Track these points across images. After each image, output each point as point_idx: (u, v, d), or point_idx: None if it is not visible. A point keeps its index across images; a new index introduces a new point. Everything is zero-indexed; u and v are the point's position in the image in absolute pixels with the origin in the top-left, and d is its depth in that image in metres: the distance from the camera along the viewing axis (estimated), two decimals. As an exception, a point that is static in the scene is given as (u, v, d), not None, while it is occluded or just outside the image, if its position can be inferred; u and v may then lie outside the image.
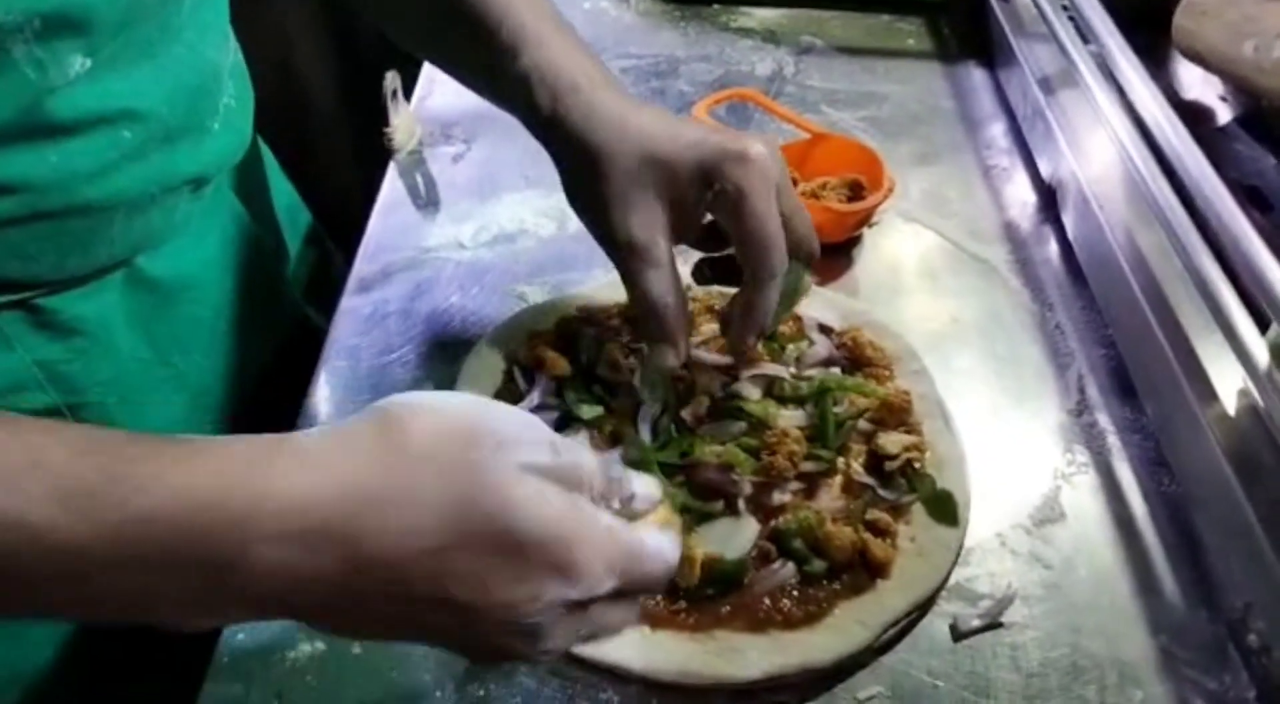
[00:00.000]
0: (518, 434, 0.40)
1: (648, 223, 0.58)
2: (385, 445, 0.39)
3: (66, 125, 0.53)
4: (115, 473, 0.36)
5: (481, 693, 0.56)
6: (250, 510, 0.36)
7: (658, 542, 0.44)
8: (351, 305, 0.80)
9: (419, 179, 0.93)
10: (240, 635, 0.58)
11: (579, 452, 0.42)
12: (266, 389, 0.79)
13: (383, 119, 0.93)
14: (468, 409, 0.41)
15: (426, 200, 0.91)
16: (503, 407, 0.43)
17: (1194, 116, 0.80)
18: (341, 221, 0.96)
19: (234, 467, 0.37)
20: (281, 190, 0.88)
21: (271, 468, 0.37)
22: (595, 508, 0.42)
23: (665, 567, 0.44)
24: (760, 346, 0.70)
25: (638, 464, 0.64)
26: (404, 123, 0.95)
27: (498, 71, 0.63)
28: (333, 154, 1.15)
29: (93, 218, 0.57)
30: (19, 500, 0.34)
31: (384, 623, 0.40)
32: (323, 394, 0.73)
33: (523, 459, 0.39)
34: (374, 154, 0.95)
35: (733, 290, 0.65)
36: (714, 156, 0.57)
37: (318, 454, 0.38)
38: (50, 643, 0.65)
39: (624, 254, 0.60)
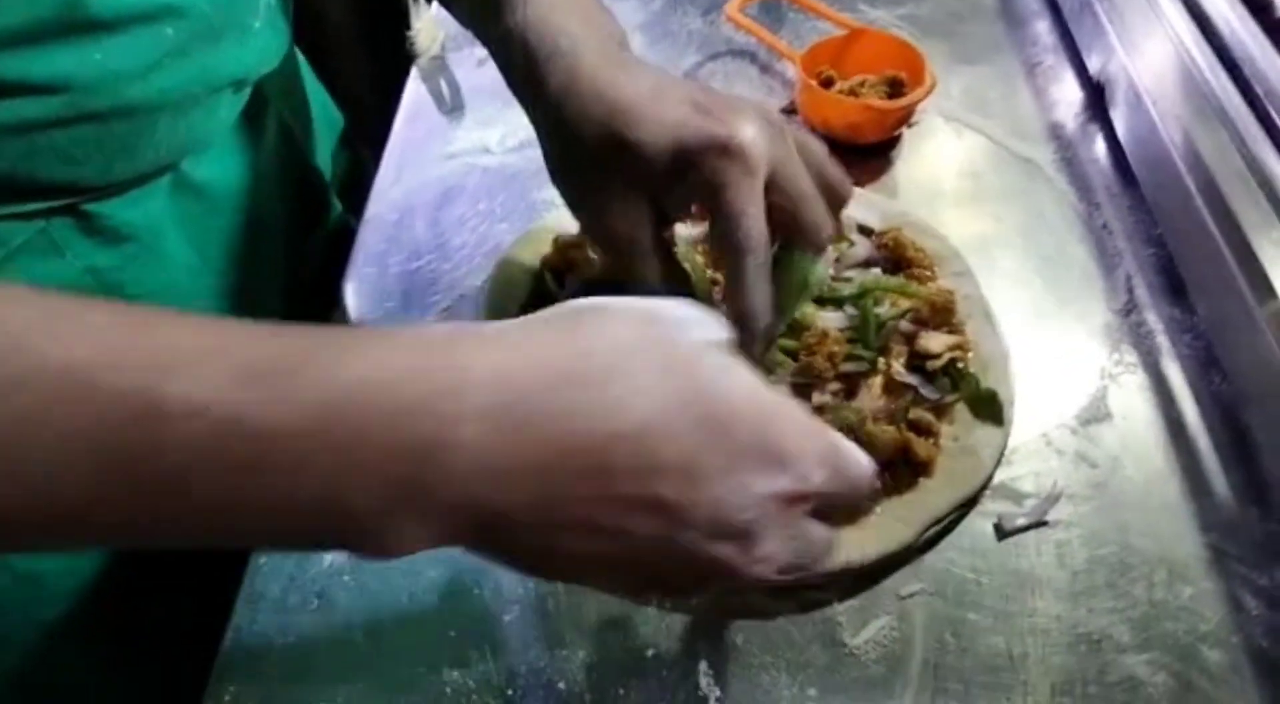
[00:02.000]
0: (687, 314, 0.39)
1: (625, 213, 0.52)
2: (571, 333, 0.37)
3: (108, 22, 0.52)
4: (303, 354, 0.33)
5: (521, 590, 0.56)
6: (453, 383, 0.34)
7: (851, 444, 0.41)
8: (377, 212, 0.78)
9: (443, 84, 0.90)
10: (278, 536, 0.58)
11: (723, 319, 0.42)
12: (313, 295, 0.78)
13: (404, 22, 0.90)
14: (637, 301, 0.40)
15: (451, 106, 0.88)
16: (663, 299, 0.41)
17: (1256, 3, 0.76)
18: (365, 129, 0.94)
19: (427, 345, 0.35)
20: (316, 93, 0.86)
21: (465, 347, 0.36)
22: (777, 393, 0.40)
23: (864, 467, 0.41)
24: None
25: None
26: (426, 26, 0.92)
27: (487, 29, 0.57)
28: (354, 60, 1.12)
29: (138, 119, 0.56)
30: (203, 386, 0.31)
31: (583, 536, 0.36)
32: (351, 302, 0.73)
33: (702, 335, 0.39)
34: (396, 59, 0.92)
35: None
36: (693, 144, 0.49)
37: (507, 336, 0.37)
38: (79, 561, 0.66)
39: (606, 246, 0.55)
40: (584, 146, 0.52)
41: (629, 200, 0.52)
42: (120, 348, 0.32)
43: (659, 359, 0.37)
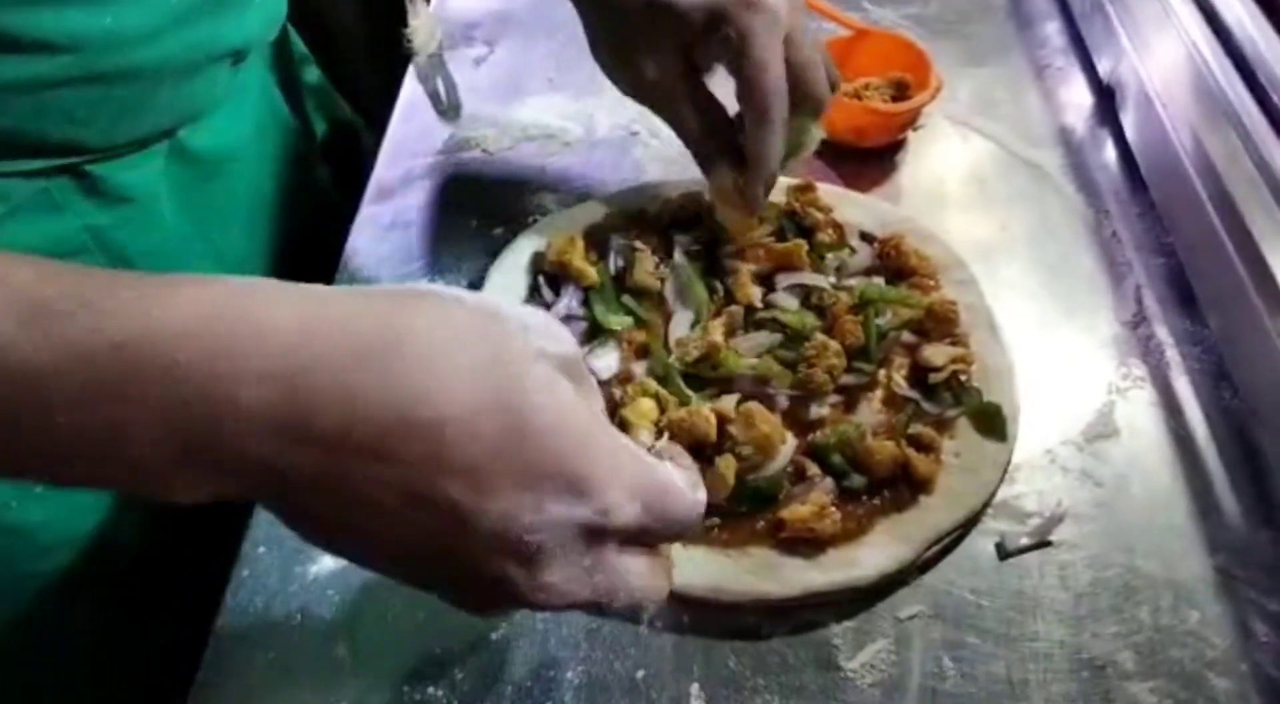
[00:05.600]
0: (535, 321, 0.37)
1: (662, 66, 0.61)
2: (396, 307, 0.35)
3: None
4: (86, 297, 0.32)
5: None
6: (236, 342, 0.32)
7: (683, 476, 0.39)
8: (371, 213, 0.77)
9: (439, 83, 0.88)
10: (260, 549, 0.56)
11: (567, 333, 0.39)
12: (297, 271, 0.78)
13: (401, 20, 0.89)
14: (488, 297, 0.39)
15: (447, 105, 0.87)
16: (525, 306, 0.41)
17: (1271, 8, 0.74)
18: (365, 124, 0.93)
19: (219, 297, 0.33)
20: (310, 73, 0.86)
21: (261, 300, 0.33)
22: (610, 425, 0.38)
23: (691, 506, 0.39)
24: (804, 255, 0.67)
25: (661, 379, 0.61)
26: (424, 24, 0.90)
27: None
28: (350, 57, 1.11)
29: (142, 83, 0.58)
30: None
31: (369, 516, 0.34)
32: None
33: (542, 344, 0.36)
34: (393, 57, 0.90)
35: None
36: (722, 1, 0.58)
37: (315, 295, 0.35)
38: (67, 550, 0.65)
39: (649, 98, 0.64)
40: (625, 12, 0.60)
41: (664, 52, 0.61)
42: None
43: (484, 357, 0.34)
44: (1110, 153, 0.81)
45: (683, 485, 0.39)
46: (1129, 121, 0.80)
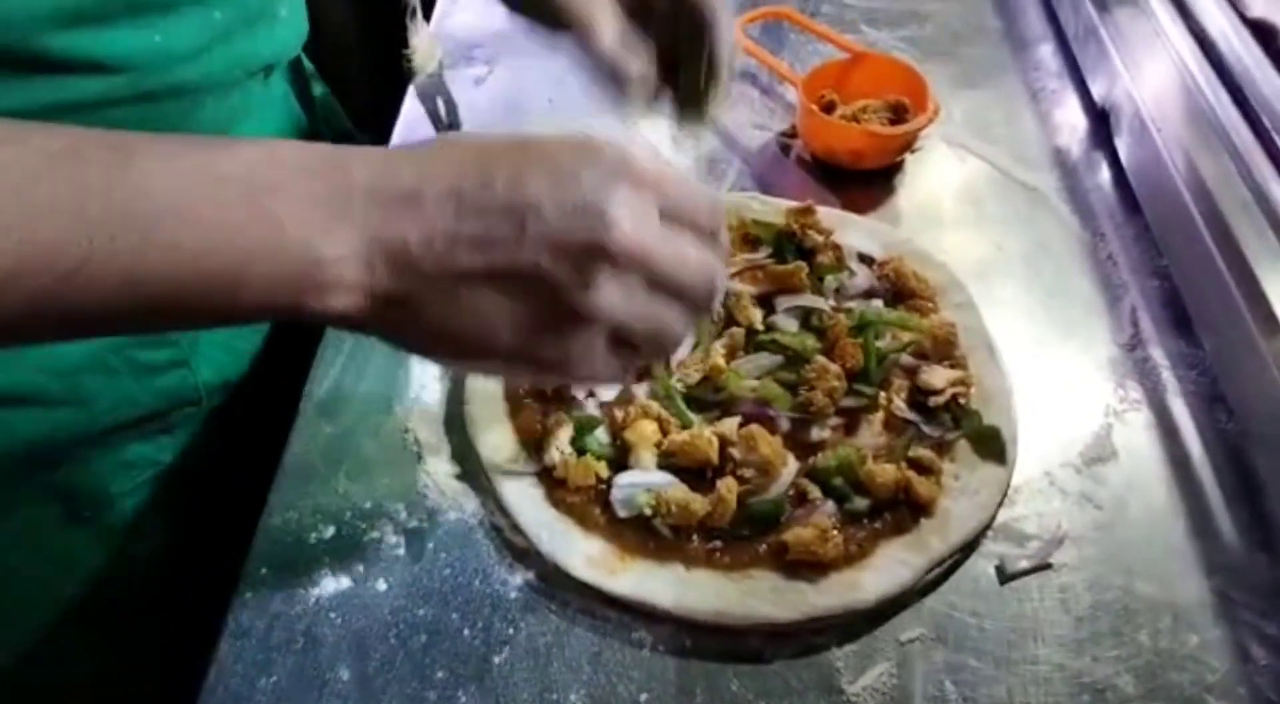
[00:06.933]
0: None
1: None
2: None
3: (167, 4, 0.55)
4: (231, 139, 0.42)
5: (511, 631, 0.54)
6: (342, 147, 0.43)
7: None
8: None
9: (440, 103, 0.89)
10: (263, 570, 0.56)
11: None
12: None
13: (402, 40, 0.90)
14: None
15: (447, 124, 0.87)
16: None
17: (1261, 33, 0.75)
18: (366, 143, 0.93)
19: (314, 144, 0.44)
20: (317, 87, 0.86)
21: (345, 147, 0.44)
22: None
23: (705, 198, 0.45)
24: (804, 277, 0.67)
25: (663, 400, 0.62)
26: (424, 44, 0.91)
27: None
28: (350, 77, 1.12)
29: (188, 99, 0.59)
30: (166, 149, 0.40)
31: (467, 251, 0.41)
32: (333, 333, 0.70)
33: None
34: (393, 77, 0.91)
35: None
36: None
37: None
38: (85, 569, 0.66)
39: (575, 24, 0.58)
40: None
41: None
42: (93, 136, 0.40)
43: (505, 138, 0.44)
44: (1105, 175, 0.82)
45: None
46: (1123, 144, 0.81)
